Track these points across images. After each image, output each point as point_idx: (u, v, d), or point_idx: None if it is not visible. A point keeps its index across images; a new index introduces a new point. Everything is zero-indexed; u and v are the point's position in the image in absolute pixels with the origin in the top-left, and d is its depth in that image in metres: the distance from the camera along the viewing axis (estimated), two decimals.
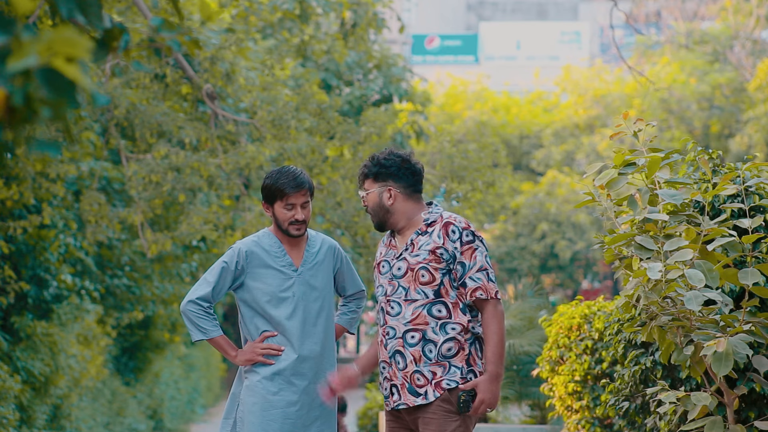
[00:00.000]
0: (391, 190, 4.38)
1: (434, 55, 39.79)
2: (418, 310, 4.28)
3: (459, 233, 4.28)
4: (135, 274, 13.08)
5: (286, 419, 4.63)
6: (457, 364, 4.24)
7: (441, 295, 4.27)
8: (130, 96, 10.47)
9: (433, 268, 4.27)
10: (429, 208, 4.40)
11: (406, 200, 4.39)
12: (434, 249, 4.27)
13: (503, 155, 15.32)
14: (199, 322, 4.67)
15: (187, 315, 4.67)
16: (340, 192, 11.07)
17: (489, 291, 4.25)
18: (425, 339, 4.26)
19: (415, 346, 4.27)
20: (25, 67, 1.86)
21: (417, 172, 4.42)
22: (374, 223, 4.46)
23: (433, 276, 4.27)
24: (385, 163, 4.39)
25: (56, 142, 1.98)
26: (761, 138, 21.40)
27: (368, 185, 4.43)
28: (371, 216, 4.46)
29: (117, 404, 13.30)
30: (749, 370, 4.62)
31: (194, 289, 4.69)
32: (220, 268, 4.68)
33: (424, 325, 4.27)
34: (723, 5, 24.81)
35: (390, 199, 4.38)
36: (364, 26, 16.21)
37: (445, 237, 4.28)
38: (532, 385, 9.39)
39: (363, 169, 4.45)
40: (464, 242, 4.27)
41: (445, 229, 4.29)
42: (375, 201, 4.41)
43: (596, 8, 38.62)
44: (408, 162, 4.41)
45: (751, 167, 4.72)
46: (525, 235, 26.56)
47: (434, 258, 4.27)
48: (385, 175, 4.39)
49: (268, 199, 4.71)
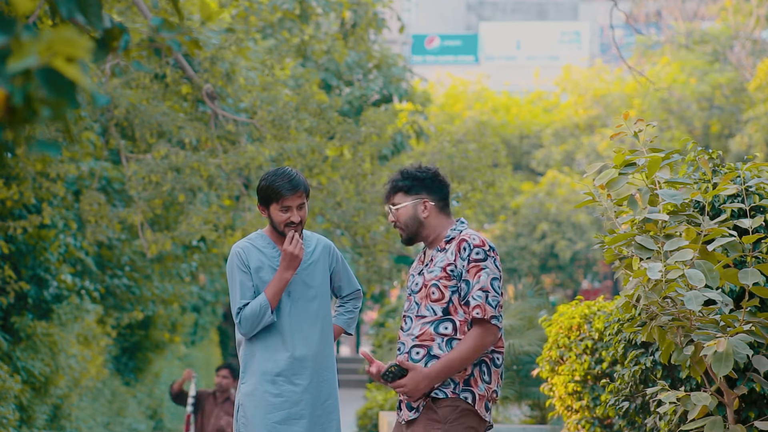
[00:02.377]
0: (426, 202, 4.30)
1: (434, 55, 39.79)
2: (425, 327, 4.22)
3: (469, 250, 4.19)
4: (135, 274, 13.08)
5: (290, 419, 4.62)
6: (455, 379, 4.18)
7: (449, 312, 4.20)
8: (130, 96, 10.47)
9: (443, 285, 4.20)
10: (455, 225, 4.33)
11: (438, 214, 4.32)
12: (446, 266, 4.21)
13: (503, 155, 15.32)
14: (259, 316, 4.61)
15: (249, 320, 4.60)
16: (340, 192, 11.07)
17: (486, 311, 4.14)
18: (430, 355, 4.20)
19: (418, 362, 4.21)
20: (25, 67, 1.86)
21: (446, 186, 4.37)
22: (404, 237, 4.35)
23: (442, 293, 4.20)
24: (419, 175, 4.31)
25: (56, 142, 1.98)
26: (761, 138, 21.40)
27: (399, 199, 4.33)
28: (402, 230, 4.35)
29: (117, 404, 13.30)
30: (749, 370, 4.62)
31: (234, 306, 4.65)
32: (238, 274, 4.65)
33: (430, 341, 4.20)
34: (723, 5, 24.80)
35: (425, 212, 4.30)
36: (364, 26, 16.20)
37: (456, 253, 4.21)
38: (532, 385, 9.39)
39: (392, 183, 4.34)
40: (472, 260, 4.18)
41: (458, 245, 4.21)
42: (409, 214, 4.31)
43: (596, 8, 38.63)
44: (439, 175, 4.35)
45: (752, 167, 4.72)
46: (525, 235, 26.56)
47: (445, 275, 4.20)
48: (419, 188, 4.31)
49: (263, 201, 4.71)
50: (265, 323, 4.61)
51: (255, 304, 4.59)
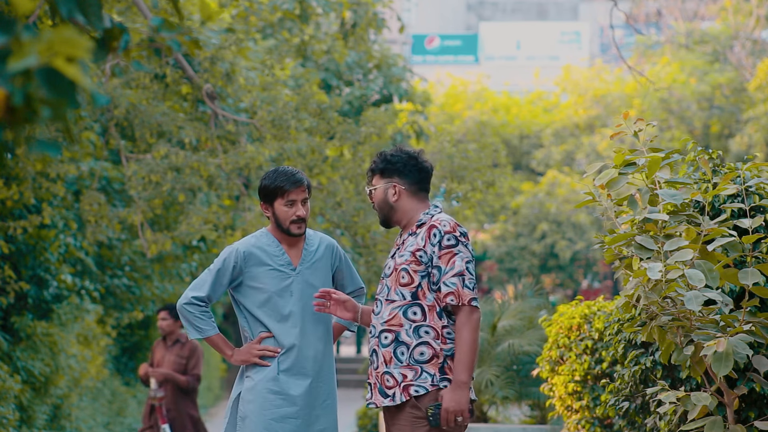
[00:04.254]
0: (396, 186, 4.36)
1: (434, 55, 39.77)
2: (395, 311, 4.26)
3: (440, 236, 4.23)
4: (135, 274, 13.07)
5: (287, 418, 4.63)
6: (430, 370, 4.20)
7: (418, 297, 4.23)
8: (130, 96, 10.47)
9: (413, 270, 4.23)
10: (428, 210, 4.37)
11: (410, 198, 4.36)
12: (415, 251, 4.25)
13: (503, 155, 15.31)
14: (196, 322, 4.68)
15: (184, 314, 4.68)
16: (340, 192, 11.07)
17: (462, 297, 4.18)
18: (398, 341, 4.24)
19: (387, 347, 4.25)
20: (25, 67, 1.86)
21: (423, 170, 4.39)
22: (380, 219, 4.44)
23: (411, 278, 4.24)
24: (391, 159, 4.38)
25: (56, 142, 1.98)
26: (761, 138, 21.40)
27: (375, 181, 4.42)
28: (377, 212, 4.45)
29: (117, 404, 13.30)
30: (749, 370, 4.62)
31: (191, 288, 4.70)
32: (217, 269, 4.70)
33: (398, 326, 4.25)
34: (723, 5, 24.79)
35: (394, 196, 4.36)
36: (364, 26, 16.20)
37: (426, 239, 4.24)
38: (532, 385, 9.38)
39: (371, 164, 4.44)
40: (443, 246, 4.21)
41: (428, 231, 4.26)
42: (380, 197, 4.39)
43: (596, 8, 38.61)
44: (415, 159, 4.38)
45: (752, 167, 4.72)
46: (525, 235, 26.55)
47: (414, 260, 4.23)
48: (391, 171, 4.37)
49: (267, 198, 4.72)
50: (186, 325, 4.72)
51: (204, 322, 4.68)
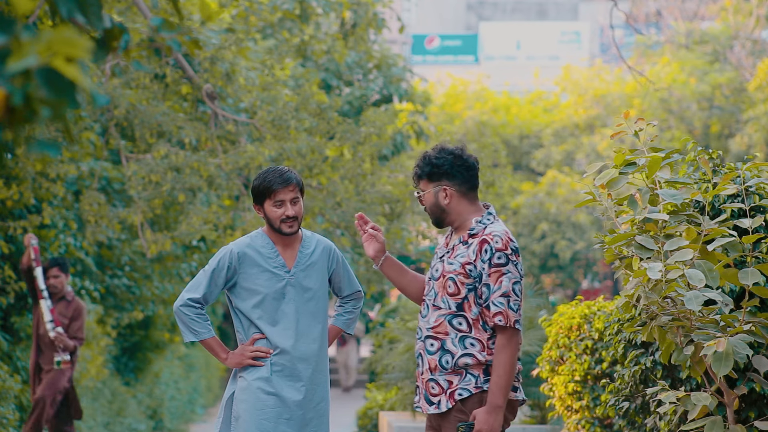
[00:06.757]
0: (447, 189, 4.25)
1: (434, 55, 39.76)
2: (441, 319, 4.20)
3: (491, 253, 4.13)
4: (135, 274, 13.07)
5: (280, 419, 4.63)
6: (474, 372, 4.15)
7: (463, 309, 4.17)
8: (130, 96, 10.47)
9: (461, 282, 4.16)
10: (482, 215, 4.26)
11: (461, 199, 4.25)
12: (465, 263, 4.16)
13: (503, 155, 15.30)
14: (191, 324, 4.68)
15: (180, 316, 4.69)
16: (340, 192, 11.06)
17: (509, 318, 4.11)
18: (443, 349, 4.18)
19: (432, 355, 4.20)
20: (25, 67, 1.86)
21: (471, 168, 4.27)
22: (432, 221, 4.34)
23: (458, 289, 4.17)
24: (437, 162, 4.25)
25: (56, 142, 1.98)
26: (761, 138, 21.39)
27: (423, 186, 4.30)
28: (429, 215, 4.34)
29: (117, 404, 13.29)
30: (749, 370, 4.62)
31: (187, 290, 4.70)
32: (212, 270, 4.70)
33: (444, 335, 4.19)
34: (723, 5, 24.79)
35: (446, 199, 4.25)
36: (364, 26, 16.19)
37: (478, 254, 4.15)
38: (532, 385, 9.37)
39: (416, 169, 4.32)
40: (494, 264, 4.12)
41: (480, 245, 4.16)
42: (432, 201, 4.27)
43: (596, 8, 38.62)
44: (460, 158, 4.26)
45: (752, 167, 4.72)
46: (525, 235, 26.54)
47: (463, 272, 4.16)
48: (438, 175, 4.25)
49: (257, 199, 4.73)
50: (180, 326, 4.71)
51: (199, 325, 4.68)
